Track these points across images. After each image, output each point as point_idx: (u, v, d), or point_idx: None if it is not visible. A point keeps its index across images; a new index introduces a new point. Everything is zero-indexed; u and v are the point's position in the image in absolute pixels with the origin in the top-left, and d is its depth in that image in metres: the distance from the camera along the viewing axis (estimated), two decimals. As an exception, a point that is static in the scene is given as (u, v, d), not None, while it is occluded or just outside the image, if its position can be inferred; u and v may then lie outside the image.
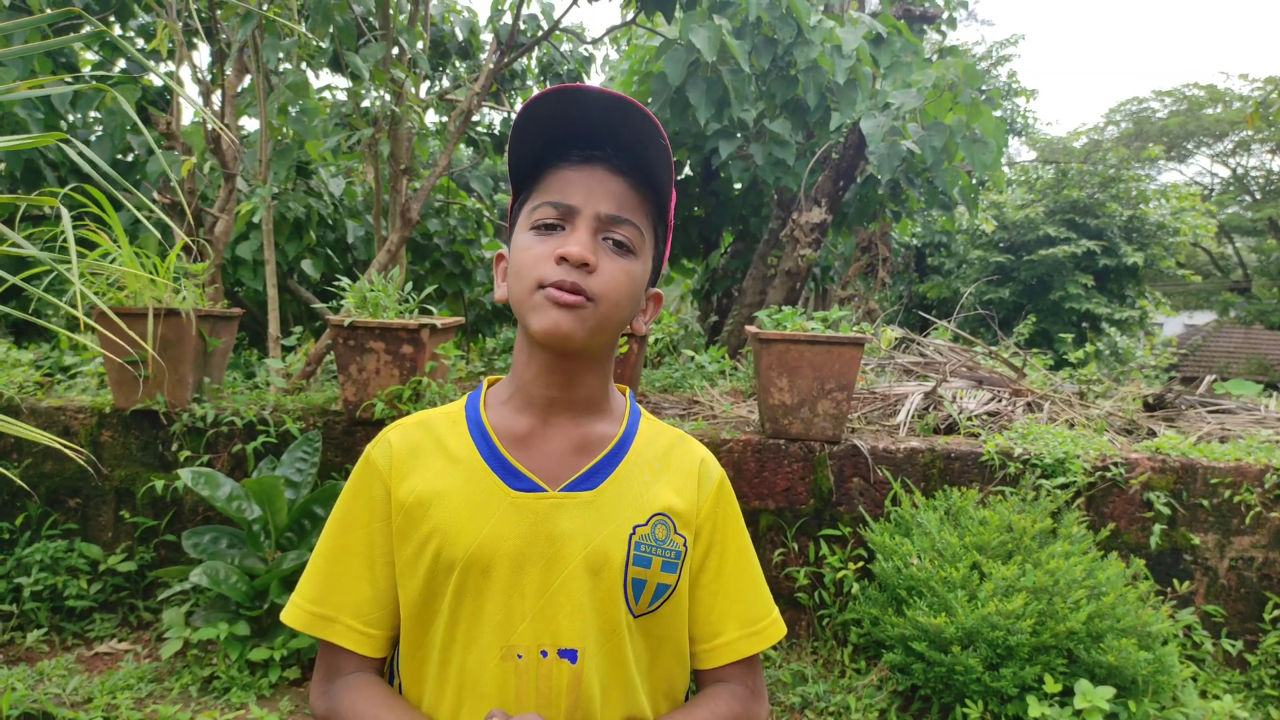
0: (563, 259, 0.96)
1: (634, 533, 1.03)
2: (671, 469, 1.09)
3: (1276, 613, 3.24)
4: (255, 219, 3.97)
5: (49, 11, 4.32)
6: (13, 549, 3.40)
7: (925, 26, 6.83)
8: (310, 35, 4.19)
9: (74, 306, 1.67)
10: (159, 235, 2.30)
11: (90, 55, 5.44)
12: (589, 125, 0.99)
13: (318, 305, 4.69)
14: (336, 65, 4.84)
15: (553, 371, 1.04)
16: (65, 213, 1.58)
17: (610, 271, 0.99)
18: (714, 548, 1.10)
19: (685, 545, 1.06)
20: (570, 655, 0.99)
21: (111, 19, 4.95)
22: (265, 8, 4.22)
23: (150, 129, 4.31)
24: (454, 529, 1.01)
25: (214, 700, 2.87)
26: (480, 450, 1.04)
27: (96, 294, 3.33)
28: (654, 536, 1.04)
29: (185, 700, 2.87)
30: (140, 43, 5.29)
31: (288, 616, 1.06)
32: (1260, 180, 19.26)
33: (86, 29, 4.44)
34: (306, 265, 5.54)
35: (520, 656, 0.98)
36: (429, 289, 3.95)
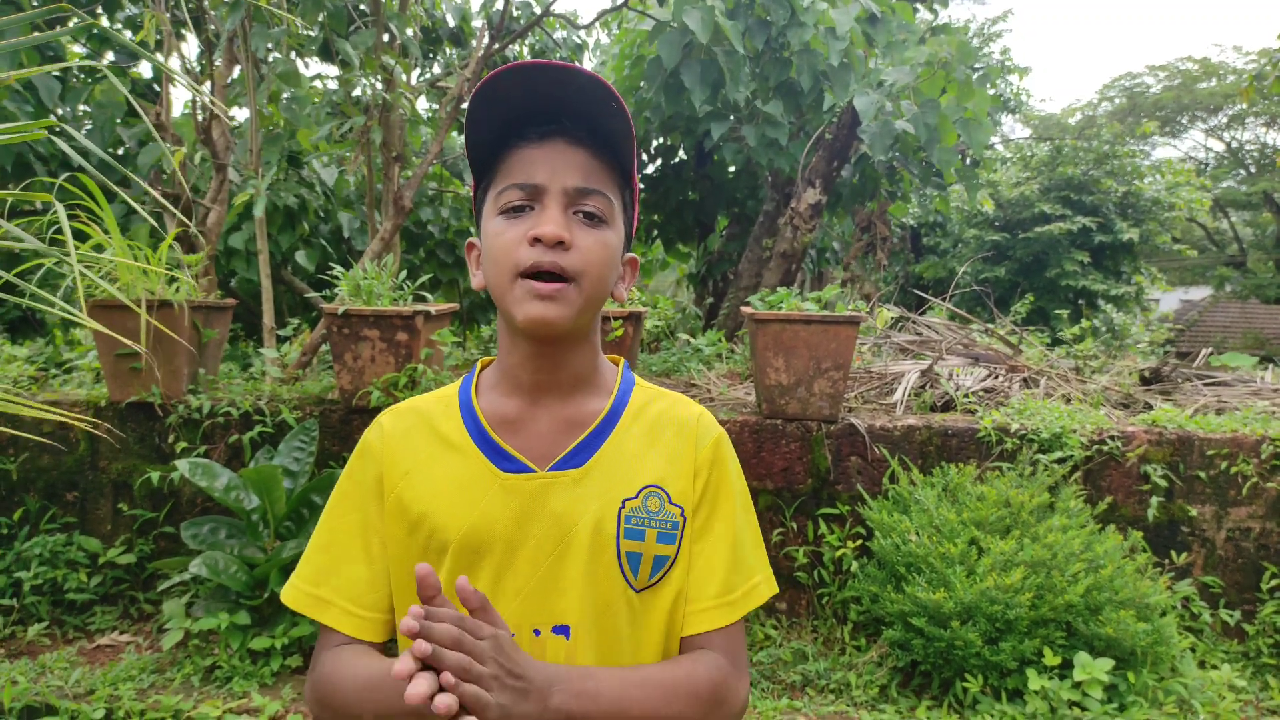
0: (537, 240, 0.95)
1: (623, 506, 1.02)
2: (665, 437, 1.08)
3: (1274, 582, 3.26)
4: (259, 212, 3.95)
5: (37, 7, 4.28)
6: (12, 543, 3.40)
7: (918, 4, 6.80)
8: (299, 23, 4.16)
9: (73, 299, 1.66)
10: (151, 226, 2.29)
11: (78, 49, 5.40)
12: (541, 100, 0.98)
13: (312, 295, 4.68)
14: (326, 53, 4.81)
15: (537, 356, 1.03)
16: (59, 205, 1.57)
17: (587, 245, 0.97)
18: (702, 509, 1.07)
19: (683, 515, 1.05)
20: (564, 631, 0.99)
21: (99, 11, 4.91)
22: (252, -4, 4.19)
23: (140, 121, 4.28)
24: (445, 512, 1.01)
25: (216, 690, 2.88)
26: (471, 434, 1.05)
27: (90, 287, 3.32)
28: (646, 509, 1.03)
29: (187, 690, 2.88)
30: (128, 34, 5.25)
31: (286, 595, 1.06)
32: (1255, 154, 19.23)
33: (73, 23, 4.41)
34: (300, 256, 5.52)
35: (512, 635, 0.98)
36: (423, 277, 3.94)
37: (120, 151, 5.17)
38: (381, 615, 1.05)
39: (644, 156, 6.63)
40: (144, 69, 5.50)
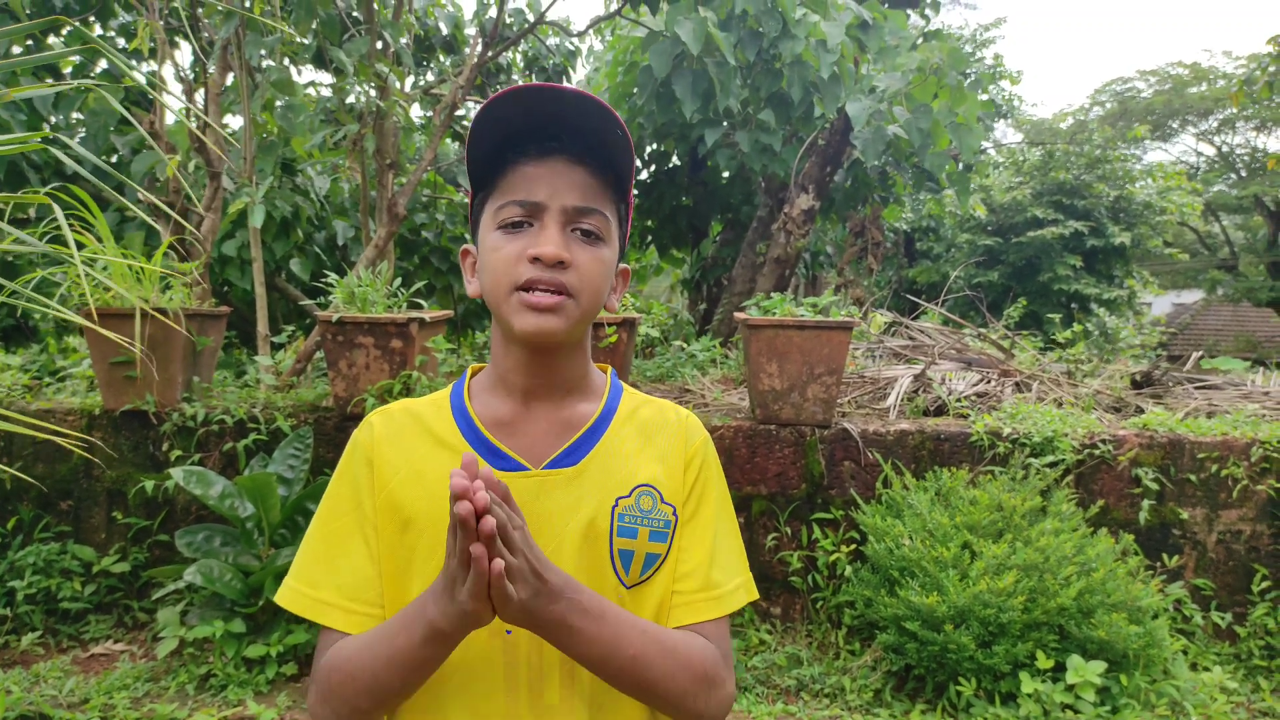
0: (536, 259, 0.97)
1: (616, 504, 1.04)
2: (656, 439, 1.10)
3: (1265, 585, 3.28)
4: (256, 222, 3.95)
5: (29, 17, 4.28)
6: (5, 552, 3.40)
7: (909, 10, 6.82)
8: (293, 31, 4.17)
9: (68, 306, 1.67)
10: (145, 234, 2.29)
11: (71, 57, 5.40)
12: (542, 118, 0.99)
13: (306, 302, 4.68)
14: (320, 61, 4.81)
15: (531, 362, 1.04)
16: (59, 210, 1.58)
17: (585, 263, 0.99)
18: (689, 503, 1.09)
19: (675, 514, 1.06)
20: None
21: (92, 19, 4.92)
22: (248, 4, 4.20)
23: (134, 129, 4.29)
24: (440, 511, 1.01)
25: (211, 698, 2.88)
26: (464, 433, 1.05)
27: (84, 295, 3.32)
28: (638, 507, 1.04)
29: (182, 698, 2.88)
30: (121, 42, 5.25)
31: (283, 598, 1.04)
32: (1245, 158, 19.29)
33: (66, 31, 4.41)
34: (295, 264, 5.53)
35: (509, 633, 0.99)
36: (418, 284, 3.95)
37: (114, 159, 5.17)
38: (382, 611, 1.04)
39: (638, 163, 6.65)
40: (138, 75, 5.50)
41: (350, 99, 4.49)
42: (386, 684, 0.94)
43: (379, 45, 4.43)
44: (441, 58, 6.19)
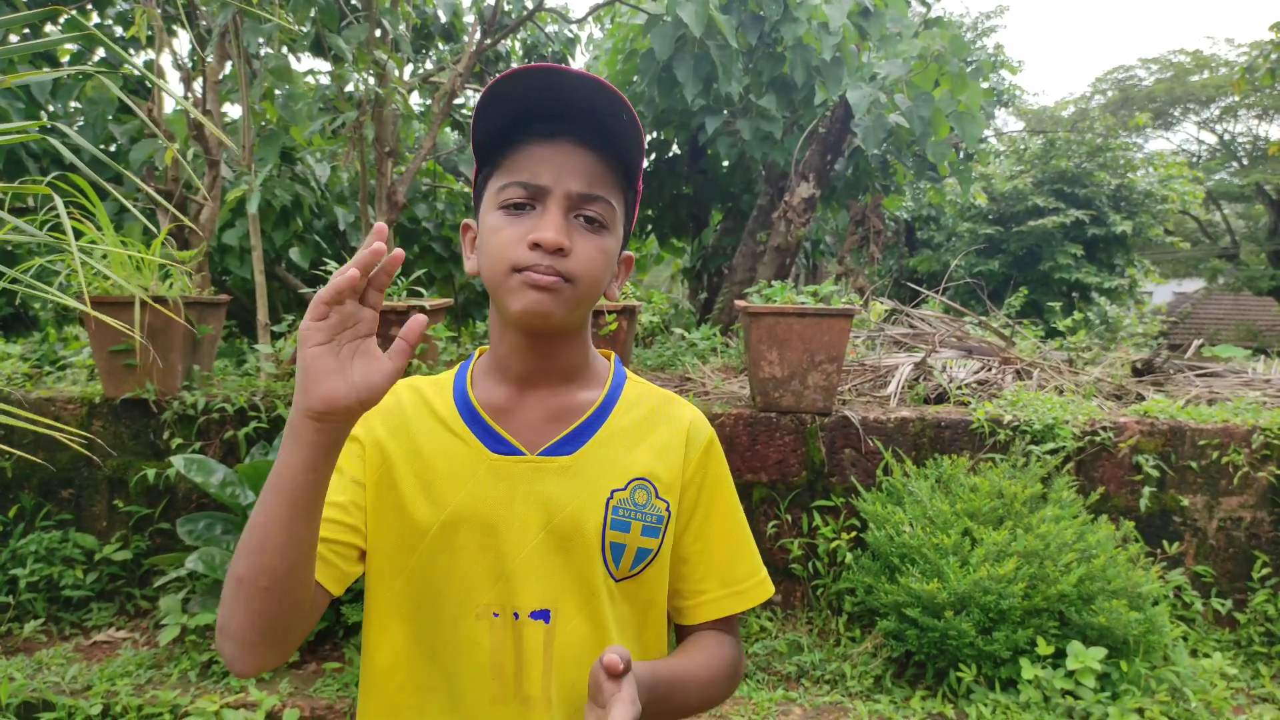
0: (536, 245, 0.95)
1: (611, 497, 1.03)
2: (656, 432, 1.09)
3: (1265, 571, 3.28)
4: (253, 209, 3.94)
5: (27, 6, 4.26)
6: (7, 541, 3.40)
7: (910, -2, 6.80)
8: (291, 19, 4.15)
9: (69, 295, 1.67)
10: (144, 223, 2.29)
11: (68, 44, 5.37)
12: (551, 101, 0.97)
13: (306, 290, 4.66)
14: (318, 48, 4.79)
15: (528, 347, 1.04)
16: (58, 199, 1.57)
17: (585, 251, 0.97)
18: (699, 507, 1.10)
19: (668, 510, 1.06)
20: (543, 616, 1.00)
21: (89, 7, 4.90)
22: (244, -9, 4.18)
23: (132, 118, 4.27)
24: (432, 488, 1.02)
25: (213, 684, 2.89)
26: (462, 414, 1.05)
27: (83, 283, 3.31)
28: (633, 501, 1.04)
29: (184, 685, 2.89)
30: (119, 30, 5.23)
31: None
32: (1247, 146, 19.22)
33: (64, 19, 4.39)
34: (294, 253, 5.52)
35: (496, 615, 0.99)
36: (418, 272, 3.94)
37: (113, 148, 5.16)
38: (337, 563, 0.99)
39: (638, 151, 6.62)
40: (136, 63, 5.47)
41: (349, 86, 4.48)
42: (250, 544, 0.85)
43: (377, 32, 4.41)
44: (440, 45, 6.18)
